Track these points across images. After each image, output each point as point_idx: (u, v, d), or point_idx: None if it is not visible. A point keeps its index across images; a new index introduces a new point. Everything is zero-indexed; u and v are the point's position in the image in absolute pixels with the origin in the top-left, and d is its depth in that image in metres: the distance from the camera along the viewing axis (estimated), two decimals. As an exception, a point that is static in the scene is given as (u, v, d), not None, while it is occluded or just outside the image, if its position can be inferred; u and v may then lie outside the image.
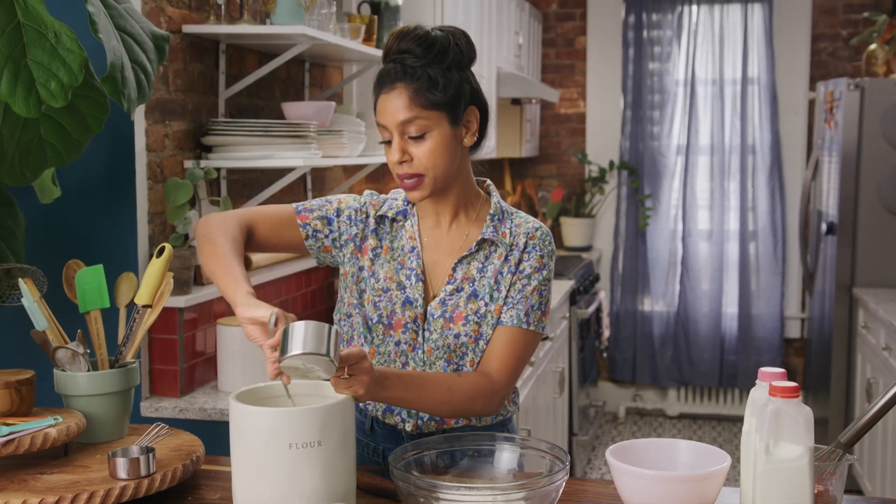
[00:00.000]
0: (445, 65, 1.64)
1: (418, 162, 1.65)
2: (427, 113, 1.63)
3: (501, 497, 1.39)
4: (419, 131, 1.63)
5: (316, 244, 1.76)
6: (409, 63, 1.63)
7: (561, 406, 4.45)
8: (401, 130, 1.64)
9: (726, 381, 5.66)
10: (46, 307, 1.79)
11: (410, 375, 1.62)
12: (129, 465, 1.54)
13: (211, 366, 2.59)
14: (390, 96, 1.64)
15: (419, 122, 1.63)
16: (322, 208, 1.77)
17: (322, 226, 1.76)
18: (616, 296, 5.77)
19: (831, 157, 4.65)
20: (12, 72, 1.65)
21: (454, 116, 1.66)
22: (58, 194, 2.19)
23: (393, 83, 1.64)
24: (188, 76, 2.59)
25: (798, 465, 1.37)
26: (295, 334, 1.42)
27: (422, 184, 1.66)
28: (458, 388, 1.64)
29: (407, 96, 1.62)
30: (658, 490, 1.46)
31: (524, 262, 1.72)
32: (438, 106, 1.63)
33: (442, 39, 1.64)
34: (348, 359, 1.47)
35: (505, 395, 1.71)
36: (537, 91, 4.85)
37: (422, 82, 1.62)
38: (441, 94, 1.63)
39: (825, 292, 4.75)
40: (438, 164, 1.65)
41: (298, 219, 1.76)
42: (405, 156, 1.65)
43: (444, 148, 1.65)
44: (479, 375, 1.68)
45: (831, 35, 5.45)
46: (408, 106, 1.62)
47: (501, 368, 1.69)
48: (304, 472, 1.39)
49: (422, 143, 1.64)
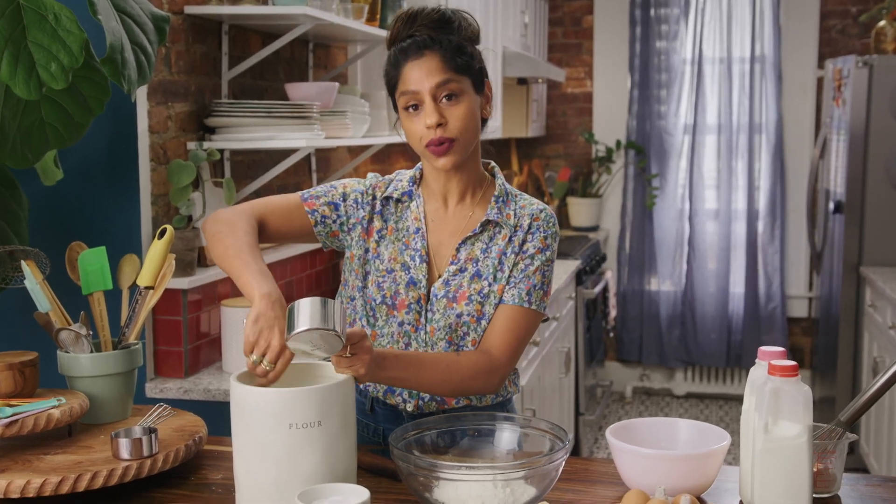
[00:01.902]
0: (464, 36, 1.68)
1: (452, 125, 1.64)
2: (458, 77, 1.65)
3: (501, 476, 1.40)
4: (454, 92, 1.64)
5: (324, 230, 1.76)
6: (430, 34, 1.65)
7: (567, 386, 4.46)
8: (434, 94, 1.64)
9: (733, 361, 5.66)
10: (49, 289, 1.80)
11: (409, 356, 1.62)
12: (131, 445, 1.55)
13: (215, 347, 2.60)
14: (420, 62, 1.64)
15: (453, 84, 1.64)
16: (328, 194, 1.76)
17: (330, 211, 1.75)
18: (623, 276, 5.76)
19: (839, 136, 4.63)
20: (13, 54, 1.65)
21: (478, 84, 1.69)
22: (60, 176, 2.19)
23: (420, 51, 1.64)
24: (191, 57, 2.58)
25: (797, 444, 1.37)
26: (301, 311, 1.42)
27: (453, 148, 1.66)
28: (457, 367, 1.64)
29: (438, 58, 1.64)
30: (658, 469, 1.46)
31: (528, 242, 1.73)
32: (467, 71, 1.66)
33: (452, 15, 1.69)
34: (350, 338, 1.47)
35: (506, 373, 1.71)
36: (543, 70, 4.83)
37: (450, 48, 1.65)
38: (469, 59, 1.66)
39: (832, 271, 4.73)
40: (469, 128, 1.66)
41: (305, 206, 1.75)
42: (442, 118, 1.64)
43: (473, 114, 1.67)
44: (479, 353, 1.68)
45: (841, 12, 5.41)
46: (441, 68, 1.63)
47: (502, 346, 1.69)
48: (305, 452, 1.40)
49: (456, 107, 1.65)
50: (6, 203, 2.03)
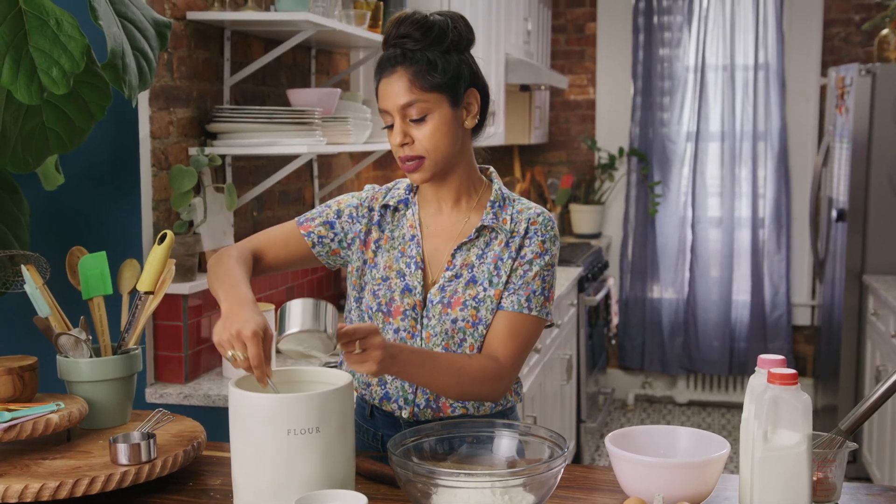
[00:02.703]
0: (443, 47, 1.66)
1: (419, 144, 1.66)
2: (427, 95, 1.64)
3: (500, 483, 1.39)
4: (420, 114, 1.65)
5: (323, 250, 1.79)
6: (408, 47, 1.65)
7: (569, 393, 4.45)
8: (402, 114, 1.65)
9: (736, 369, 5.64)
10: (49, 294, 1.80)
11: (423, 353, 1.62)
12: (129, 450, 1.55)
13: (215, 353, 2.60)
14: (391, 80, 1.65)
15: (419, 105, 1.64)
16: (322, 214, 1.80)
17: (326, 230, 1.78)
18: (625, 283, 5.76)
19: (842, 144, 4.62)
20: (14, 59, 1.66)
21: (454, 98, 1.67)
22: (61, 181, 2.20)
23: (393, 67, 1.65)
24: (193, 63, 2.59)
25: (796, 453, 1.36)
26: (292, 313, 1.43)
27: (422, 166, 1.67)
28: (467, 371, 1.64)
29: (407, 79, 1.64)
30: (657, 477, 1.46)
31: (525, 247, 1.72)
32: (438, 88, 1.65)
33: (440, 23, 1.66)
34: (358, 332, 1.48)
35: (511, 380, 1.71)
36: (546, 77, 4.83)
37: (421, 65, 1.64)
38: (440, 77, 1.64)
39: (835, 279, 4.72)
40: (440, 145, 1.66)
41: (301, 230, 1.79)
42: (406, 138, 1.66)
43: (445, 130, 1.66)
44: (487, 359, 1.68)
45: (844, 20, 5.41)
46: (408, 89, 1.64)
47: (507, 353, 1.69)
48: (303, 458, 1.40)
49: (422, 126, 1.66)
50: (7, 207, 2.03)
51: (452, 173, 1.74)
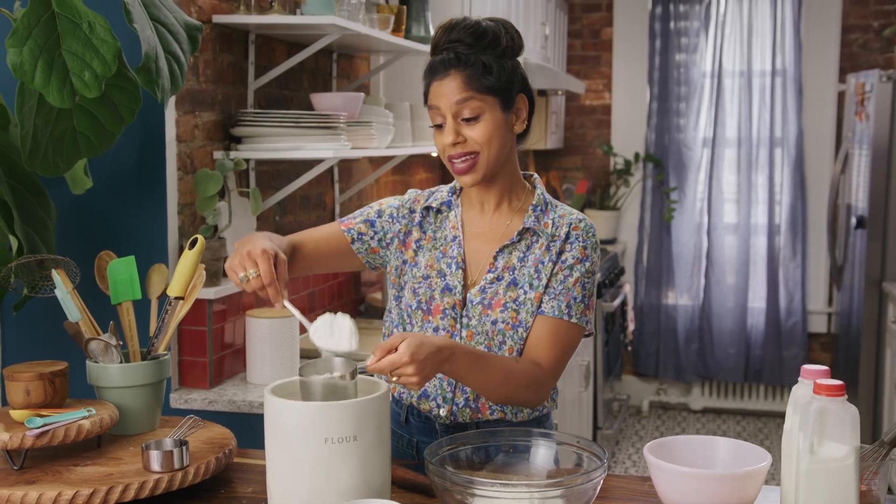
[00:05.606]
0: (498, 52, 1.67)
1: (472, 142, 1.66)
2: (481, 96, 1.65)
3: (538, 494, 1.37)
4: (473, 113, 1.65)
5: (363, 247, 1.80)
6: (461, 51, 1.65)
7: (586, 400, 4.42)
8: (454, 112, 1.65)
9: (752, 377, 5.60)
10: (79, 298, 1.78)
11: (475, 353, 1.61)
12: (162, 457, 1.53)
13: (240, 357, 2.59)
14: (444, 81, 1.66)
15: (473, 104, 1.65)
16: (364, 213, 1.83)
17: (366, 228, 1.80)
18: (640, 289, 5.73)
19: (861, 150, 4.59)
20: (47, 62, 1.65)
21: (506, 102, 1.68)
22: (90, 185, 2.19)
23: (447, 70, 1.66)
24: (218, 66, 2.57)
25: (843, 465, 1.34)
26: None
27: (476, 164, 1.67)
28: (516, 374, 1.64)
29: (461, 79, 1.65)
30: (697, 488, 1.44)
31: (566, 252, 1.72)
32: (492, 90, 1.65)
33: (493, 28, 1.67)
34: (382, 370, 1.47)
35: (551, 387, 1.71)
36: (563, 82, 4.81)
37: (475, 68, 1.65)
38: (495, 80, 1.65)
39: (854, 287, 4.69)
40: (492, 145, 1.67)
41: (342, 226, 1.81)
42: (459, 137, 1.66)
43: (497, 132, 1.67)
44: (531, 364, 1.68)
45: (863, 26, 5.38)
46: (462, 88, 1.64)
47: (549, 359, 1.69)
48: (341, 466, 1.38)
49: (475, 125, 1.66)
50: (35, 211, 2.02)
51: (498, 177, 1.74)
